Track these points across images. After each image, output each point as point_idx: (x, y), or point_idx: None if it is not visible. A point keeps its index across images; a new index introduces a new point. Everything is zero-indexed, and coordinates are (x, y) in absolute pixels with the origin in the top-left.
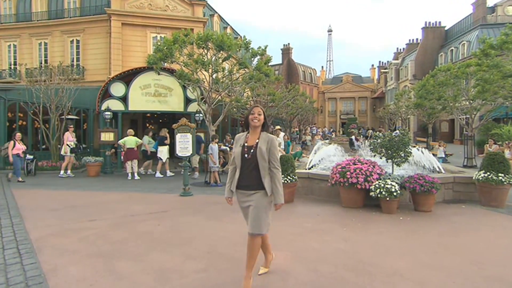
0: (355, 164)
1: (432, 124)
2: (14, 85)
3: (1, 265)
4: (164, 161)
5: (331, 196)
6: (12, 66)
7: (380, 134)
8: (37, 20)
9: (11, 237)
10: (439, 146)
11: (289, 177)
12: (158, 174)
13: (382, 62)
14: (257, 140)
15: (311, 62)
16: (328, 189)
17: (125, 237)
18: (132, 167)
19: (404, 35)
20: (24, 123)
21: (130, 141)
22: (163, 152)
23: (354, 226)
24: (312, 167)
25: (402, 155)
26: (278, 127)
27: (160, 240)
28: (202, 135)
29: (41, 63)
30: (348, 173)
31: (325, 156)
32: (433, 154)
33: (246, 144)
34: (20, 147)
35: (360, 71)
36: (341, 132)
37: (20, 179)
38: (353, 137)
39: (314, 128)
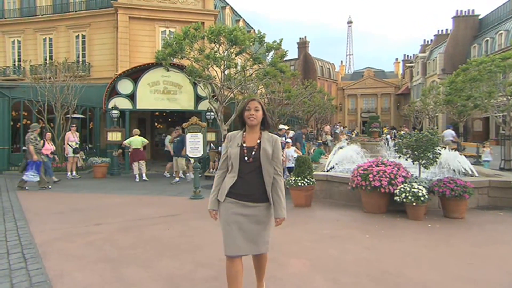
0: (378, 166)
1: (464, 122)
2: (19, 82)
3: (6, 270)
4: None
5: (352, 200)
6: (16, 63)
7: (403, 133)
8: (42, 15)
9: (15, 241)
10: (484, 147)
11: (306, 180)
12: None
13: (408, 56)
14: (258, 140)
15: (330, 57)
16: (349, 192)
17: (133, 242)
18: (139, 168)
19: (432, 25)
20: (29, 122)
21: (136, 141)
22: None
23: (377, 233)
24: (331, 169)
25: (430, 156)
26: (284, 126)
27: (170, 246)
28: (212, 134)
29: (45, 59)
30: (370, 175)
31: (345, 158)
32: (465, 156)
33: (245, 145)
34: (49, 148)
35: (383, 66)
36: (356, 132)
37: (55, 178)
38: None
39: (337, 126)
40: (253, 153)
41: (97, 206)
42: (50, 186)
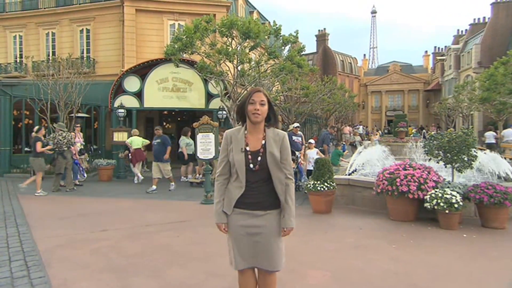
0: (406, 170)
1: (504, 121)
2: (20, 80)
3: (8, 279)
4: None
5: (376, 206)
6: (18, 59)
7: (433, 133)
8: (44, 8)
9: (17, 248)
10: None
11: (326, 184)
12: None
13: (439, 48)
14: (263, 141)
15: (351, 50)
16: (373, 198)
17: (141, 249)
18: (139, 168)
19: (467, 13)
20: (31, 121)
21: (136, 141)
22: None
23: (405, 243)
24: (353, 172)
25: (465, 159)
26: (295, 124)
27: (180, 254)
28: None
29: (48, 55)
30: (397, 180)
31: (368, 160)
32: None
33: (248, 149)
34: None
35: (411, 59)
36: (381, 132)
37: (77, 181)
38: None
39: (358, 126)
40: (259, 159)
41: (103, 211)
42: (67, 190)
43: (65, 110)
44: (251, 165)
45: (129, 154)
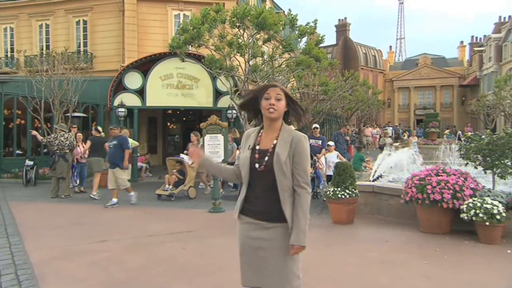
0: (439, 175)
1: None
2: (11, 76)
3: None
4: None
5: (404, 217)
6: (9, 54)
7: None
8: None
9: (8, 260)
10: None
11: (347, 191)
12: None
13: (476, 38)
14: (275, 140)
15: (376, 42)
16: (400, 207)
17: (143, 262)
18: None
19: None
20: (23, 121)
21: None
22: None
23: (438, 258)
24: (377, 178)
25: (509, 163)
26: (314, 125)
27: (186, 268)
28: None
29: (42, 49)
30: (428, 186)
31: (395, 165)
32: None
33: (258, 147)
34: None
35: (444, 51)
36: (409, 132)
37: (77, 189)
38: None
39: (388, 127)
40: (266, 158)
41: (102, 220)
42: (63, 196)
43: (60, 109)
44: (256, 165)
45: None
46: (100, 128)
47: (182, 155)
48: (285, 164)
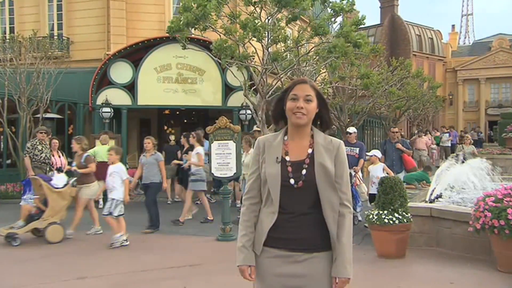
0: None
1: None
2: None
3: None
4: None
5: (475, 250)
6: None
7: None
8: None
9: None
10: None
11: (396, 215)
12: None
13: None
14: (310, 149)
15: (434, 20)
16: (469, 237)
17: None
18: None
19: None
20: None
21: (102, 152)
22: None
23: None
24: (436, 198)
25: None
26: (351, 129)
27: None
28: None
29: (4, 33)
30: (509, 210)
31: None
32: None
33: (288, 159)
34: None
35: None
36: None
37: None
38: None
39: (446, 133)
40: (304, 172)
41: (80, 250)
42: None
43: (28, 109)
44: (292, 181)
45: None
46: (172, 137)
47: (54, 173)
48: (333, 176)
